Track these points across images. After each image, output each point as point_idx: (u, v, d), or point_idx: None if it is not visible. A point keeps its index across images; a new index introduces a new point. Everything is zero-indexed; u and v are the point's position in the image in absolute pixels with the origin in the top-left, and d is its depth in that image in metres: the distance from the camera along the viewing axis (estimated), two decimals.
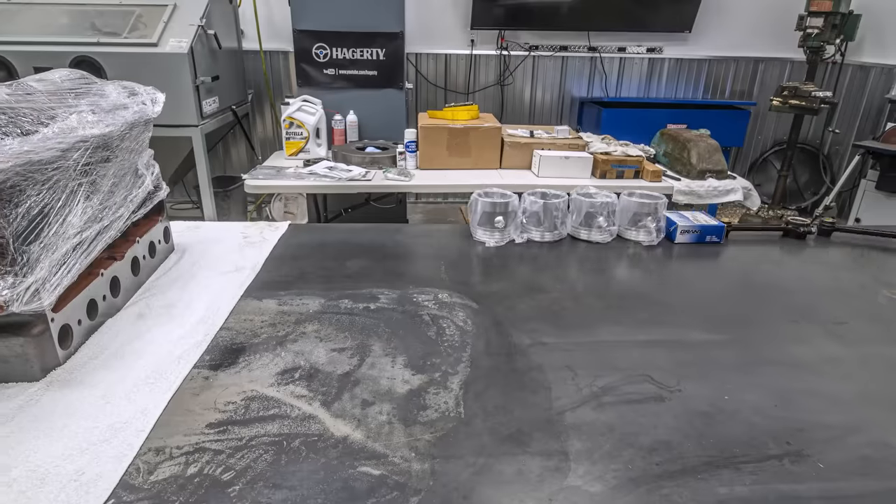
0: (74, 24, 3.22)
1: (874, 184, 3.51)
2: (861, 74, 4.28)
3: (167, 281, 1.30)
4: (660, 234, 1.54)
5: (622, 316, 1.20)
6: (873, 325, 1.18)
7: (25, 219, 0.89)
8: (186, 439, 0.83)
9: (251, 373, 0.98)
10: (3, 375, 0.94)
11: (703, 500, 0.73)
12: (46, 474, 0.76)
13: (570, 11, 4.25)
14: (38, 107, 1.01)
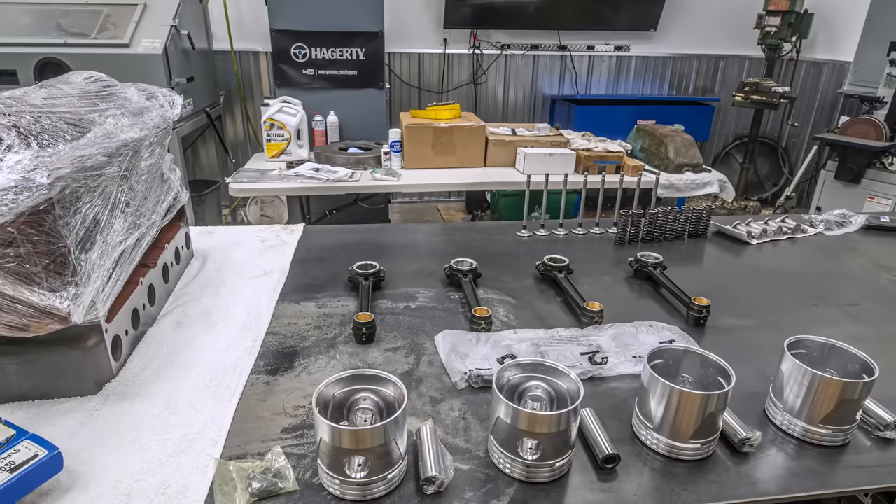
0: (38, 25, 3.06)
1: (833, 174, 3.77)
2: (815, 70, 4.58)
3: (196, 287, 1.28)
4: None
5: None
6: (885, 306, 1.29)
7: (83, 227, 0.86)
8: (265, 445, 0.83)
9: (311, 376, 0.99)
10: (57, 391, 0.92)
11: None
12: (130, 490, 0.75)
13: (540, 11, 4.35)
14: (74, 111, 0.98)
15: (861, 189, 3.70)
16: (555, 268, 1.32)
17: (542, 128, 3.21)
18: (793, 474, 0.82)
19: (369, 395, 0.82)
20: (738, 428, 0.85)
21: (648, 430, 0.85)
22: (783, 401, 0.89)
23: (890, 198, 3.58)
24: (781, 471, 0.82)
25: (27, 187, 0.76)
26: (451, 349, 1.01)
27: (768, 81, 4.13)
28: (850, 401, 0.84)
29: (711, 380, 0.86)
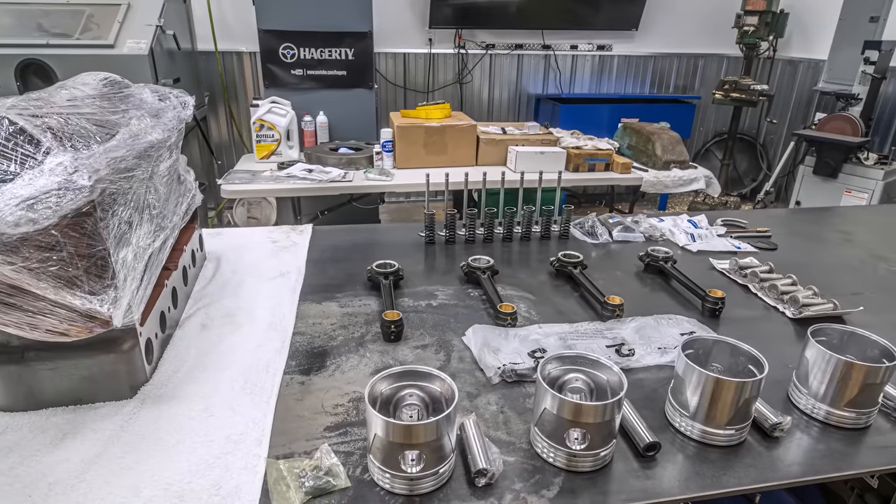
0: (17, 25, 2.97)
1: (811, 169, 3.91)
2: (791, 68, 4.74)
3: (215, 289, 1.27)
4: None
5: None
6: (886, 295, 1.35)
7: (119, 229, 0.85)
8: (311, 444, 0.84)
9: (345, 374, 0.99)
10: (92, 396, 0.91)
11: None
12: (182, 492, 0.75)
13: (523, 11, 4.40)
14: (98, 113, 0.97)
15: (838, 183, 3.84)
16: (570, 264, 1.35)
17: (531, 126, 3.25)
18: (821, 456, 0.85)
19: (415, 392, 0.83)
20: (768, 414, 0.88)
21: (683, 418, 0.88)
22: (808, 386, 0.93)
23: (866, 191, 3.73)
24: (810, 453, 0.86)
25: (70, 189, 0.75)
26: (482, 344, 1.03)
27: (747, 79, 4.26)
28: (873, 384, 0.89)
29: (741, 368, 0.90)
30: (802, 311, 1.23)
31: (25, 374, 0.88)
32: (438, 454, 0.75)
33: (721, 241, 1.61)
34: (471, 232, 1.54)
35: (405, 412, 0.82)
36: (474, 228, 1.55)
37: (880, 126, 4.14)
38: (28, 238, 0.74)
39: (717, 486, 0.79)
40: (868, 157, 3.81)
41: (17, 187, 0.74)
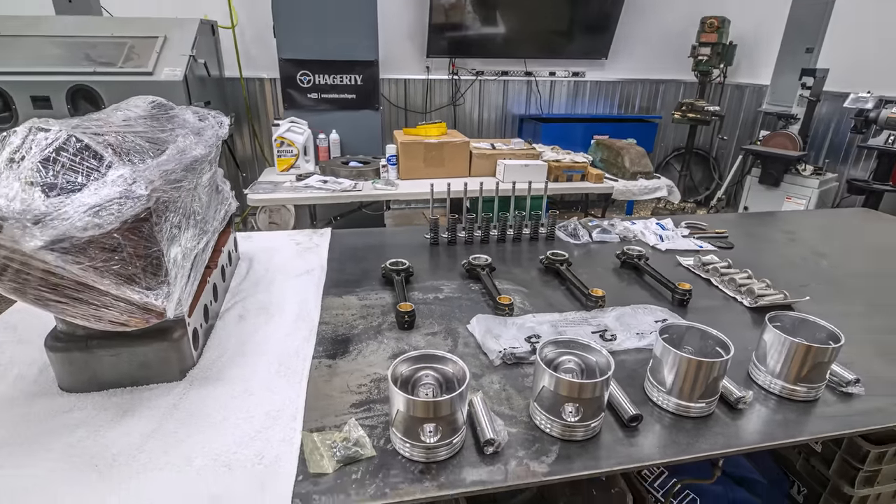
0: (68, 56, 2.94)
1: (757, 179, 3.95)
2: (738, 92, 4.78)
3: (249, 286, 1.27)
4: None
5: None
6: (827, 286, 1.37)
7: (170, 232, 0.85)
8: (339, 419, 0.84)
9: (366, 358, 0.99)
10: (146, 378, 0.90)
11: None
12: (230, 461, 0.75)
13: (508, 42, 4.41)
14: (149, 131, 0.97)
15: (780, 191, 3.89)
16: (557, 261, 1.36)
17: (516, 142, 3.27)
18: (778, 425, 0.87)
19: (431, 372, 0.84)
20: (733, 389, 0.90)
21: (661, 393, 0.89)
22: (766, 365, 0.95)
23: (804, 198, 3.78)
24: (768, 423, 0.87)
25: (129, 198, 0.75)
26: (485, 331, 1.03)
27: (701, 102, 4.30)
28: (822, 363, 0.90)
29: (710, 350, 0.91)
30: (758, 300, 1.25)
31: (90, 360, 0.88)
32: (452, 427, 0.76)
33: (685, 241, 1.62)
34: (469, 234, 1.55)
35: (422, 390, 0.82)
36: (472, 231, 1.56)
37: (815, 142, 4.20)
38: (94, 240, 0.74)
39: (690, 452, 0.80)
40: (805, 168, 3.86)
41: (85, 196, 0.73)
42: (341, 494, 0.70)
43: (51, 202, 0.72)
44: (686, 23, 4.68)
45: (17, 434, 0.80)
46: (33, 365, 0.98)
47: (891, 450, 1.05)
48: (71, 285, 0.78)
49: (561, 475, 0.75)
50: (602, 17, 4.46)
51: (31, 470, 0.73)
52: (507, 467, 0.75)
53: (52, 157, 0.75)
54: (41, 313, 1.17)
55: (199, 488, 0.70)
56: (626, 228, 1.65)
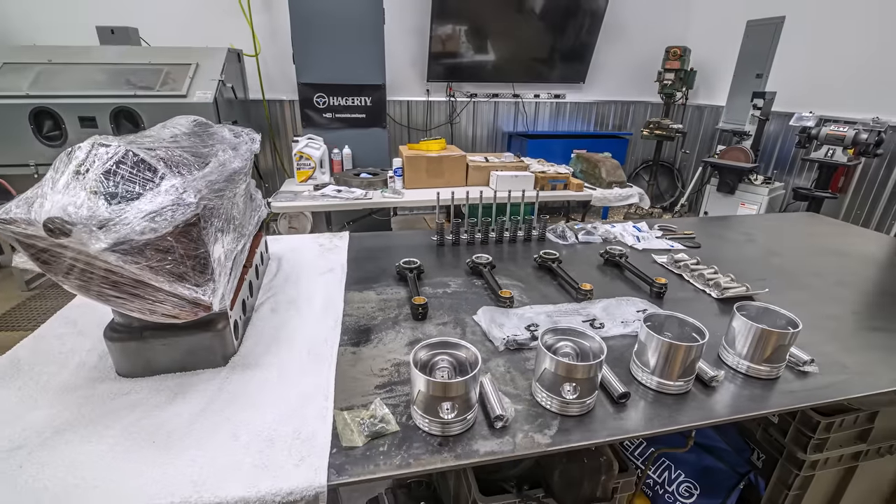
0: (111, 81, 2.92)
1: (715, 187, 3.98)
2: (698, 112, 4.82)
3: (279, 283, 1.26)
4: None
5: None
6: (782, 280, 1.39)
7: (214, 235, 0.85)
8: (365, 399, 0.84)
9: (386, 346, 0.99)
10: (193, 364, 0.90)
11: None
12: (271, 436, 0.75)
13: (498, 68, 4.42)
14: (193, 146, 0.96)
15: (735, 198, 3.92)
16: (549, 259, 1.37)
17: (507, 156, 3.27)
18: (746, 400, 0.88)
19: (446, 357, 0.84)
20: (706, 369, 0.91)
21: (645, 373, 0.90)
22: (734, 347, 0.96)
23: (756, 203, 3.82)
24: (737, 398, 0.88)
25: (181, 205, 0.75)
26: (490, 321, 1.04)
27: (666, 121, 4.33)
28: (782, 346, 0.91)
29: (687, 335, 0.92)
30: (724, 292, 1.26)
31: (144, 349, 0.88)
32: (467, 404, 0.76)
33: (659, 241, 1.63)
34: (471, 236, 1.55)
35: (438, 373, 0.82)
36: (474, 233, 1.56)
37: (765, 155, 4.24)
38: (150, 243, 0.74)
39: (671, 424, 0.81)
40: (757, 178, 3.90)
41: (142, 204, 0.73)
42: (371, 465, 0.70)
43: (113, 209, 0.71)
44: (652, 52, 4.71)
45: (82, 415, 0.79)
46: (92, 352, 0.97)
47: (837, 420, 1.06)
48: (129, 283, 0.78)
49: (561, 445, 0.76)
50: (580, 47, 4.48)
51: (95, 446, 0.73)
52: (514, 439, 0.76)
53: (113, 169, 0.75)
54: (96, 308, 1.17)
55: (245, 459, 0.70)
56: (607, 231, 1.66)
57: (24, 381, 0.88)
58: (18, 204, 0.72)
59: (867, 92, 3.50)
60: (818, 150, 3.54)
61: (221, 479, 0.67)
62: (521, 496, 0.98)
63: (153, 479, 0.67)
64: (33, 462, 0.69)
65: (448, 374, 0.82)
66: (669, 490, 1.30)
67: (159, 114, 2.90)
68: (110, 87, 2.93)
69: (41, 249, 0.76)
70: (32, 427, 0.76)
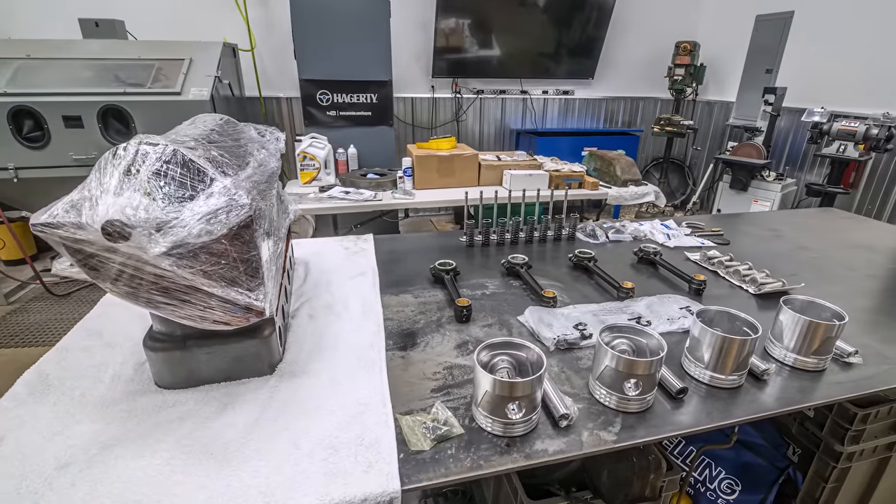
0: (98, 77, 2.89)
1: (728, 184, 4.06)
2: (708, 108, 4.91)
3: (310, 287, 1.27)
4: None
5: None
6: (815, 274, 1.43)
7: (261, 238, 0.86)
8: (423, 403, 0.85)
9: (434, 349, 1.01)
10: (238, 373, 0.91)
11: None
12: (334, 444, 0.76)
13: (504, 64, 4.46)
14: (228, 146, 0.97)
15: (748, 195, 4.00)
16: (585, 258, 1.39)
17: (519, 154, 3.31)
18: (796, 391, 0.91)
19: (506, 357, 0.86)
20: (757, 362, 0.94)
21: (698, 368, 0.93)
22: (781, 341, 0.99)
23: (769, 200, 3.90)
24: (787, 390, 0.92)
25: (234, 207, 0.76)
26: (538, 320, 1.06)
27: (677, 117, 4.41)
28: (830, 338, 0.95)
29: (738, 330, 0.95)
30: (761, 288, 1.30)
31: (187, 358, 0.88)
32: (532, 404, 0.78)
33: (688, 238, 1.67)
34: (500, 237, 1.58)
35: (499, 374, 0.84)
36: (503, 234, 1.58)
37: (776, 151, 4.33)
38: (205, 246, 0.75)
39: (730, 417, 0.84)
40: (769, 174, 3.98)
41: (197, 206, 0.74)
42: (441, 468, 0.72)
43: (168, 211, 0.73)
44: (662, 47, 4.80)
45: (128, 429, 0.80)
46: (126, 365, 0.97)
47: (872, 411, 1.11)
48: (180, 289, 0.79)
49: (627, 442, 0.78)
50: (588, 41, 4.54)
51: (149, 460, 0.73)
52: (580, 438, 0.78)
53: (163, 170, 0.76)
54: (118, 318, 1.18)
55: (311, 468, 0.71)
56: (636, 229, 1.70)
57: (56, 396, 0.88)
58: (64, 208, 0.73)
59: (877, 87, 3.60)
60: (830, 145, 3.63)
61: (290, 488, 0.68)
62: (569, 498, 1.00)
63: (218, 492, 0.67)
64: (86, 479, 0.69)
65: (508, 374, 0.84)
66: (711, 487, 1.34)
67: (152, 113, 2.88)
68: (97, 84, 2.89)
69: (89, 255, 0.77)
70: (76, 443, 0.76)
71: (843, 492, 1.21)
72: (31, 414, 0.83)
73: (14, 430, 0.79)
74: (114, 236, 0.69)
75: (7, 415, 0.83)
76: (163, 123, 3.01)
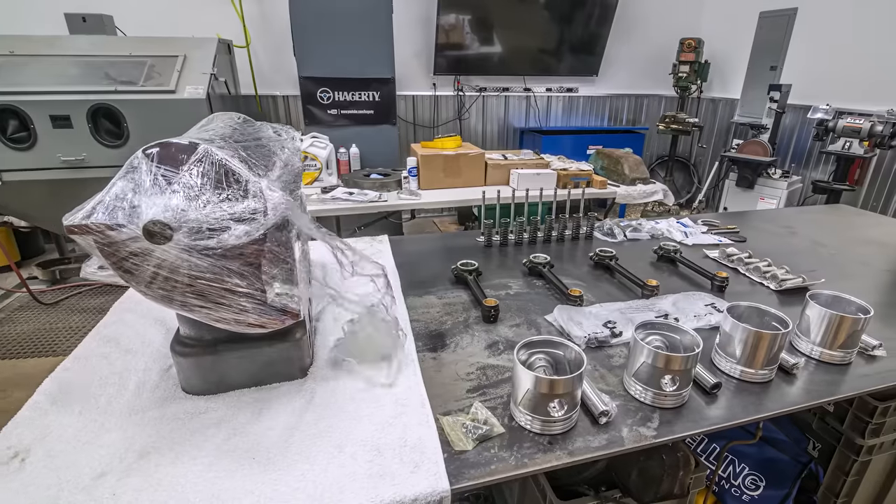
0: (87, 75, 2.87)
1: (734, 182, 4.14)
2: (713, 105, 5.00)
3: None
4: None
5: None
6: (832, 270, 1.48)
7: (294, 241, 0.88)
8: (460, 403, 0.88)
9: (465, 350, 1.03)
10: (270, 377, 0.92)
11: None
12: (377, 445, 0.78)
13: (506, 61, 4.50)
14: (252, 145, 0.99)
15: (754, 193, 4.08)
16: (606, 257, 1.43)
17: (525, 153, 3.35)
18: (826, 384, 0.95)
19: (543, 356, 0.88)
20: (787, 357, 0.98)
21: (729, 362, 0.96)
22: (808, 335, 1.03)
23: (775, 198, 3.98)
24: (816, 383, 0.96)
25: (272, 207, 0.78)
26: (568, 319, 1.09)
27: (682, 114, 4.48)
28: (856, 331, 1.00)
29: (768, 325, 0.99)
30: (782, 284, 1.34)
31: (217, 363, 0.89)
32: (573, 402, 0.81)
33: (705, 236, 1.71)
34: (519, 236, 1.60)
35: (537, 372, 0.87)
36: (521, 234, 1.61)
37: (781, 148, 4.42)
38: (242, 248, 0.77)
39: (764, 411, 0.88)
40: (775, 172, 4.06)
41: (235, 206, 0.76)
42: (488, 467, 0.74)
43: (208, 212, 0.74)
44: (666, 44, 4.88)
45: (161, 437, 0.80)
46: (149, 371, 0.98)
47: (892, 404, 1.15)
48: (216, 291, 0.80)
49: (667, 437, 0.81)
50: (590, 38, 4.60)
51: (189, 467, 0.74)
52: (621, 434, 0.81)
53: (200, 171, 0.78)
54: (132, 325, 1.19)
55: (358, 470, 0.73)
56: (653, 227, 1.74)
57: (80, 405, 0.88)
58: (100, 209, 0.74)
59: (881, 84, 3.70)
60: (835, 142, 3.72)
61: (338, 490, 0.70)
62: (599, 497, 1.03)
63: (267, 497, 0.69)
64: (126, 488, 0.70)
65: (546, 372, 0.87)
66: (735, 484, 1.37)
67: (145, 112, 2.87)
68: (86, 82, 2.87)
69: (123, 257, 0.78)
70: (110, 452, 0.77)
71: (864, 484, 1.25)
72: (57, 423, 0.84)
73: (41, 440, 0.80)
74: (156, 237, 0.71)
75: (32, 424, 0.83)
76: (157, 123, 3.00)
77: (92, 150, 2.92)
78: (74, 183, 2.98)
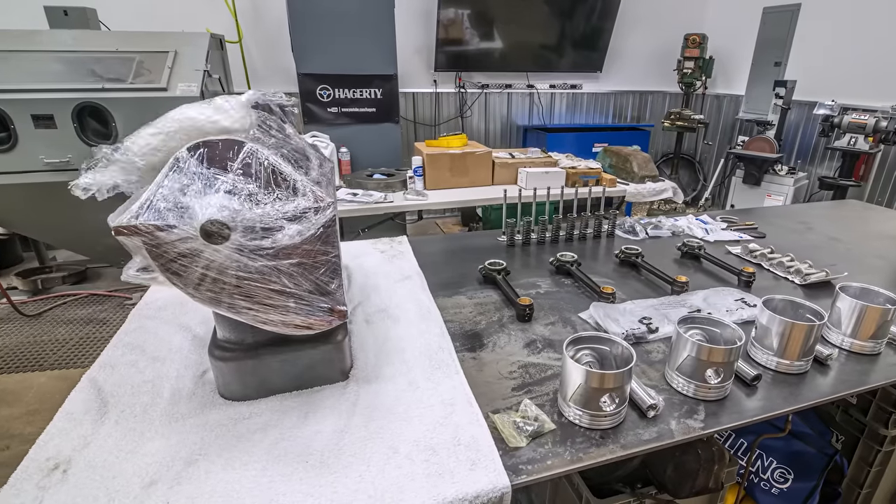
0: (71, 72, 2.82)
1: (741, 179, 4.25)
2: (717, 102, 5.12)
3: (357, 291, 1.32)
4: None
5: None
6: (852, 264, 1.54)
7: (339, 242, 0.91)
8: (508, 401, 0.91)
9: (503, 349, 1.07)
10: (311, 381, 0.94)
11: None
12: (431, 445, 0.81)
13: (507, 57, 4.56)
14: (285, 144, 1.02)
15: (761, 189, 4.19)
16: (632, 255, 1.48)
17: (533, 151, 3.40)
18: (858, 374, 1.01)
19: (589, 351, 0.93)
20: (821, 349, 1.03)
21: (766, 354, 1.02)
22: (839, 326, 1.10)
23: (782, 194, 4.09)
24: (849, 373, 1.01)
25: (321, 206, 0.81)
26: (604, 316, 1.14)
27: (688, 111, 4.59)
28: (885, 322, 1.06)
29: (803, 318, 1.04)
30: (807, 278, 1.40)
31: (258, 367, 0.90)
32: (623, 396, 0.85)
33: (726, 232, 1.78)
34: (542, 235, 1.65)
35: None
36: (544, 232, 1.66)
37: (787, 144, 4.55)
38: (294, 247, 0.80)
39: (802, 401, 0.93)
40: (782, 168, 4.18)
41: (287, 205, 0.79)
42: (544, 462, 0.78)
43: (262, 212, 0.77)
44: (670, 39, 5.00)
45: (206, 443, 0.82)
46: (182, 378, 0.99)
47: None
48: (264, 292, 0.83)
49: (713, 429, 0.86)
50: (594, 33, 4.69)
51: (242, 473, 0.76)
52: (669, 426, 0.85)
53: (249, 169, 0.81)
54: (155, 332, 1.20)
55: (415, 469, 0.76)
56: (674, 225, 1.80)
57: (116, 414, 0.89)
58: (141, 209, 0.77)
59: (884, 79, 3.84)
60: (840, 138, 3.85)
61: (399, 490, 0.73)
62: (635, 494, 1.08)
63: (328, 499, 0.71)
64: (180, 496, 0.72)
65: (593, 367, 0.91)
66: (764, 477, 1.43)
67: (135, 110, 2.85)
68: (70, 80, 2.82)
69: (171, 259, 0.81)
70: (156, 461, 0.78)
71: (888, 474, 1.32)
72: (95, 434, 0.84)
73: (81, 451, 0.80)
74: (214, 237, 0.74)
75: (68, 435, 0.84)
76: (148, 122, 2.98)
77: (78, 151, 2.89)
78: (58, 186, 2.94)
